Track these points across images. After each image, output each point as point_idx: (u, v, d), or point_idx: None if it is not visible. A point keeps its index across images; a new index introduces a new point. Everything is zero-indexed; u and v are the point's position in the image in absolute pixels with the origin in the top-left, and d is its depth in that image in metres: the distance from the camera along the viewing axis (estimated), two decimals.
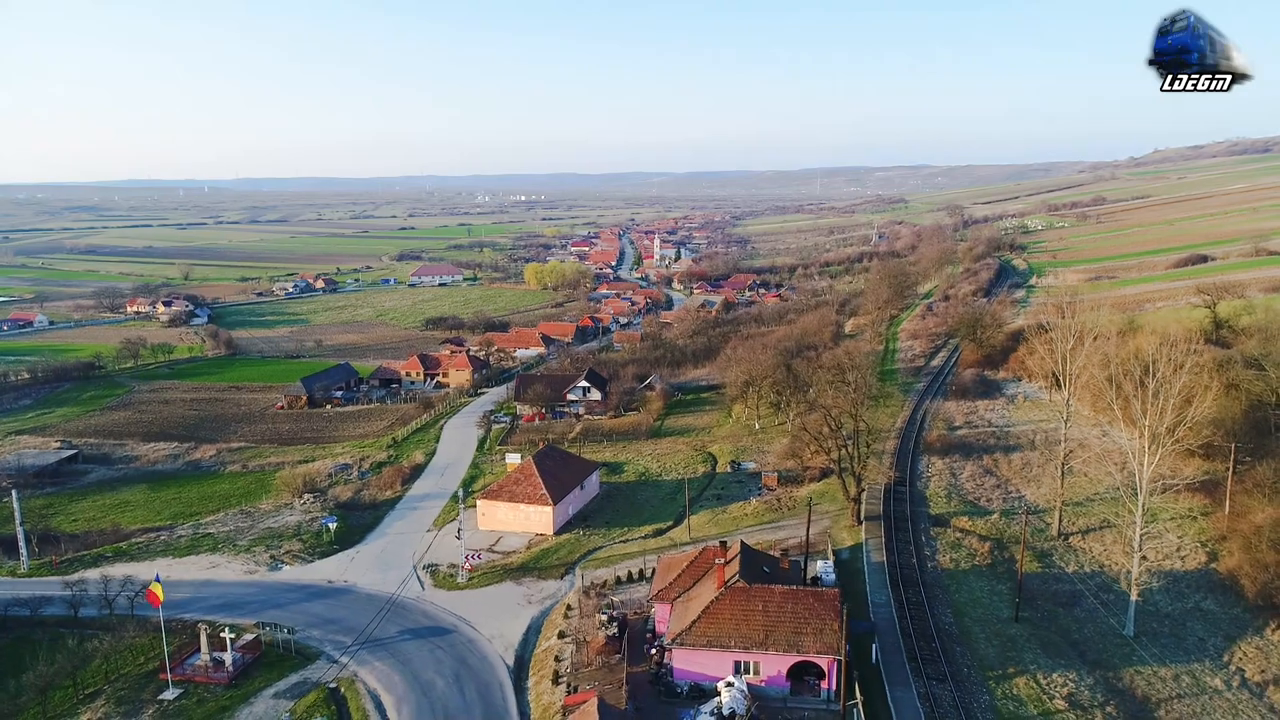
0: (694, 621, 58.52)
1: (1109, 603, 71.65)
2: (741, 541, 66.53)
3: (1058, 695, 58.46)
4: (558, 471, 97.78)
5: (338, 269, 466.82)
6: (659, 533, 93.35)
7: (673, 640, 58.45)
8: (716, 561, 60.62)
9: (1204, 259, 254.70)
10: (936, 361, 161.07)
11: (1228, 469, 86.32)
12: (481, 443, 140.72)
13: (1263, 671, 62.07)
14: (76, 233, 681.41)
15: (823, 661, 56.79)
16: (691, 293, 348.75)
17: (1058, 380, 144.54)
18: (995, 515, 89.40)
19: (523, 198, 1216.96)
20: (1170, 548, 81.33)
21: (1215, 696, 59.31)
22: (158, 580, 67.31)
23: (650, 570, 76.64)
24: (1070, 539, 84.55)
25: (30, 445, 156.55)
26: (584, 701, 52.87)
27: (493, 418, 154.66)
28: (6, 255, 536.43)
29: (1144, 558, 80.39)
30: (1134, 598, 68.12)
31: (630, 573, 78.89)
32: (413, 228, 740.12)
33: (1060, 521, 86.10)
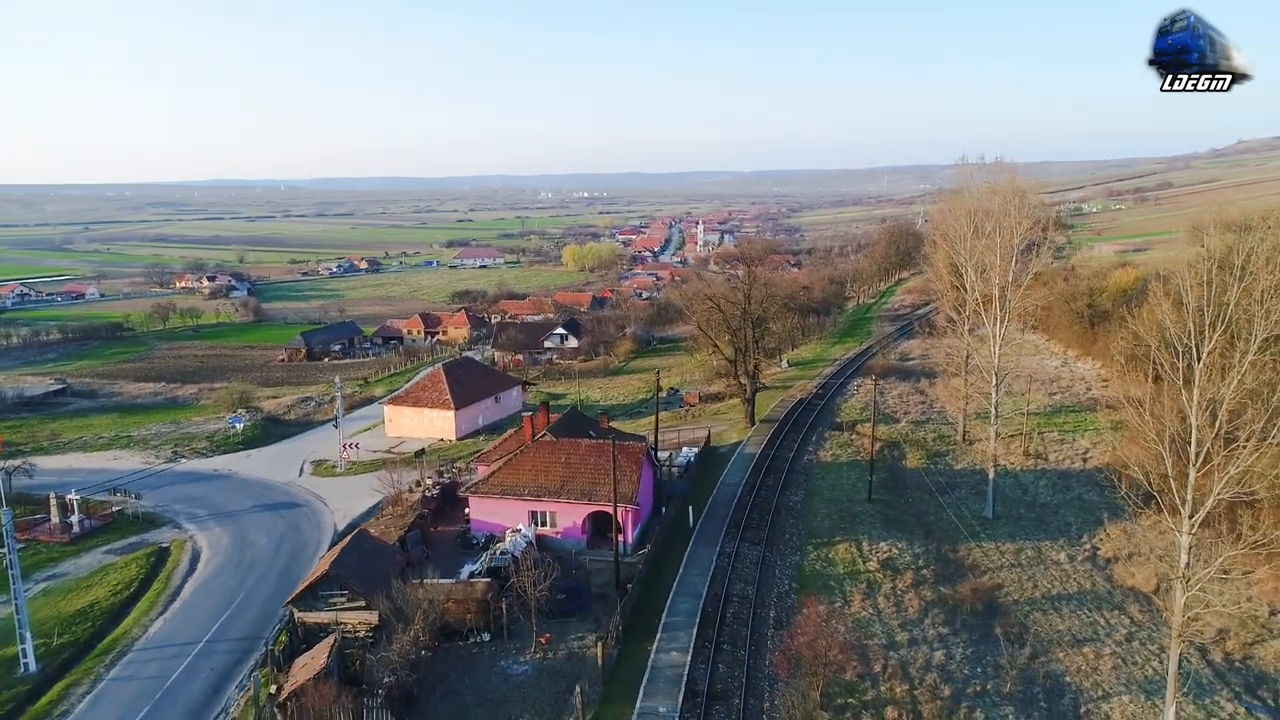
0: (493, 472, 56.71)
1: (983, 493, 67.10)
2: (573, 406, 64.38)
3: (874, 559, 54.82)
4: (468, 381, 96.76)
5: (385, 253, 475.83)
6: None
7: (467, 489, 56.76)
8: (524, 414, 58.67)
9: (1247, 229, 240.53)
10: (922, 311, 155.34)
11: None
12: None
13: (1117, 550, 57.27)
14: (152, 224, 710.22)
15: (618, 512, 54.26)
16: (724, 270, 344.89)
17: (1033, 322, 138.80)
18: (902, 424, 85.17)
19: (585, 195, 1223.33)
20: (1077, 451, 76.18)
21: (1052, 567, 54.96)
22: None
23: None
24: (975, 444, 79.87)
25: (31, 382, 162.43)
26: None
27: None
28: (81, 242, 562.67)
29: (1031, 455, 75.52)
30: (991, 474, 63.90)
31: None
32: (471, 220, 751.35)
33: (964, 426, 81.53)
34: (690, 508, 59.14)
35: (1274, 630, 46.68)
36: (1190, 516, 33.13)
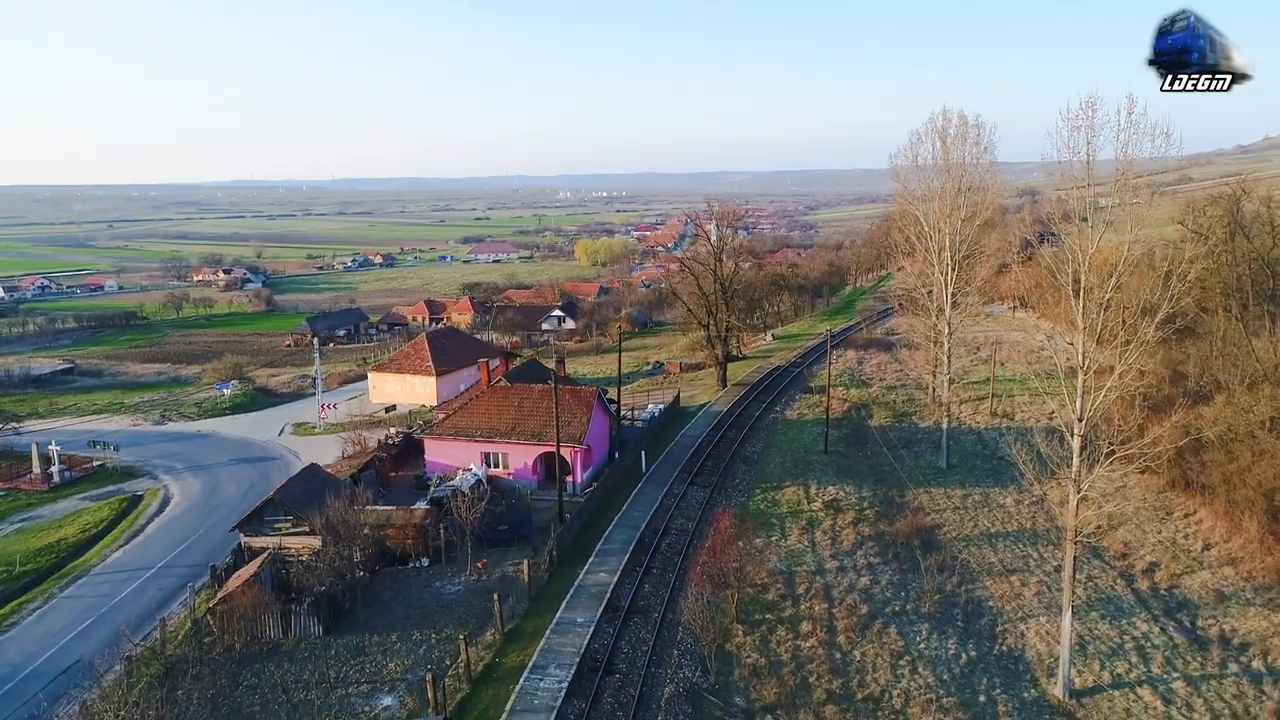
0: (448, 416, 58.05)
1: (943, 446, 67.64)
2: (532, 358, 65.65)
3: (819, 500, 55.64)
4: (450, 349, 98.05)
5: (401, 248, 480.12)
6: None
7: (422, 431, 58.09)
8: (479, 360, 59.99)
9: None
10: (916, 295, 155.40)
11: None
12: None
13: (1065, 495, 57.56)
14: (174, 222, 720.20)
15: (566, 453, 55.44)
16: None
17: (1023, 301, 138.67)
18: (875, 388, 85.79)
19: (604, 194, 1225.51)
20: (1044, 411, 76.31)
21: (996, 510, 55.47)
22: None
23: None
24: (944, 406, 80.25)
25: (40, 363, 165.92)
26: None
27: None
28: (104, 239, 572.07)
29: (998, 415, 75.99)
30: (945, 425, 64.49)
31: None
32: (488, 219, 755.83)
33: (934, 388, 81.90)
34: (644, 454, 60.16)
35: (1204, 563, 47.17)
36: (1081, 420, 34.10)
